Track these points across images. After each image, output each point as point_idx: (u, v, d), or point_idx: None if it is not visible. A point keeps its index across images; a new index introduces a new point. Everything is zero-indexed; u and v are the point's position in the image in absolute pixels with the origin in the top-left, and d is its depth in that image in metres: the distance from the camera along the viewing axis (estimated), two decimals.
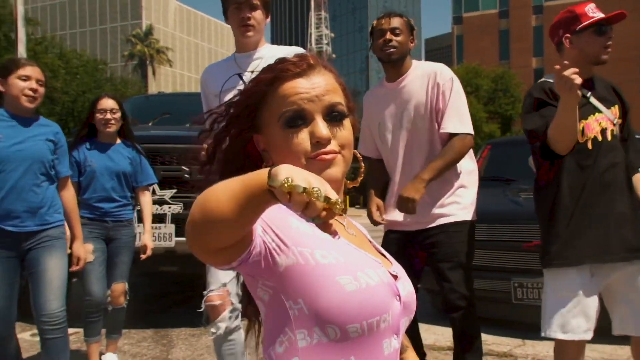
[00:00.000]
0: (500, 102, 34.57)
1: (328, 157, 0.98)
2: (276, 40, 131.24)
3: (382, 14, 2.87)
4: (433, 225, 2.74)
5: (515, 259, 4.28)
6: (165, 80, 55.54)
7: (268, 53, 2.39)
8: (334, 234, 0.74)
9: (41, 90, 2.77)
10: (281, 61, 1.04)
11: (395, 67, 2.81)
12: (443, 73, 2.75)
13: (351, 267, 0.93)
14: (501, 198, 4.81)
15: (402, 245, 2.82)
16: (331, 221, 0.98)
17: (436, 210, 2.75)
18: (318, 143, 0.98)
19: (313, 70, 1.02)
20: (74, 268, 2.96)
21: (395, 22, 2.76)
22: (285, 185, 0.71)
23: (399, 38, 2.75)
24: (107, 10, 60.09)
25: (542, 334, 2.34)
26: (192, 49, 64.49)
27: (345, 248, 0.97)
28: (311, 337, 0.90)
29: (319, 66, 1.04)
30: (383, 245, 2.92)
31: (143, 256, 3.49)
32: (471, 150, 2.85)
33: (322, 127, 0.98)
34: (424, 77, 2.76)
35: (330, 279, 0.91)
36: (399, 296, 0.99)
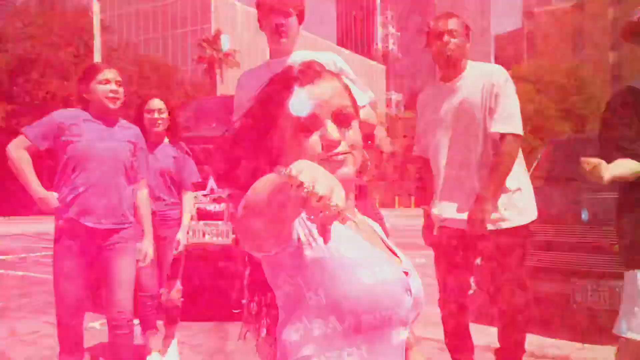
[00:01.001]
0: (574, 100, 33.10)
1: (339, 158, 1.03)
2: (342, 40, 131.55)
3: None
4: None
5: (576, 261, 4.14)
6: (232, 83, 56.81)
7: (301, 59, 2.39)
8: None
9: (121, 90, 2.93)
10: (289, 70, 1.10)
11: (451, 67, 2.81)
12: (498, 75, 2.74)
13: (369, 263, 0.99)
14: (562, 198, 4.66)
15: (453, 241, 2.80)
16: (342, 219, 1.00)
17: (492, 215, 2.70)
18: (329, 145, 1.03)
19: (319, 76, 1.08)
20: (141, 264, 3.07)
21: (452, 23, 2.76)
22: (284, 174, 0.73)
23: (455, 40, 2.74)
24: (177, 16, 62.30)
25: (614, 331, 2.28)
26: (259, 52, 65.69)
27: (363, 244, 1.04)
28: (326, 326, 0.96)
29: (325, 72, 1.10)
30: (435, 239, 2.90)
31: (175, 252, 3.60)
32: (520, 151, 2.80)
33: (332, 130, 1.03)
34: (480, 78, 2.75)
35: (351, 272, 0.97)
36: (410, 291, 1.04)
